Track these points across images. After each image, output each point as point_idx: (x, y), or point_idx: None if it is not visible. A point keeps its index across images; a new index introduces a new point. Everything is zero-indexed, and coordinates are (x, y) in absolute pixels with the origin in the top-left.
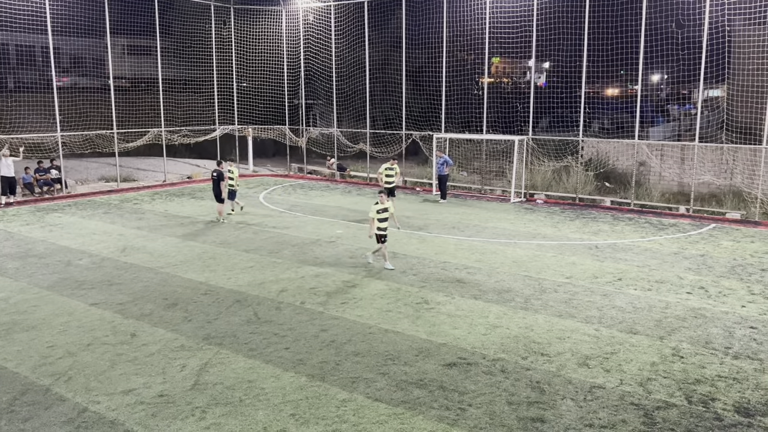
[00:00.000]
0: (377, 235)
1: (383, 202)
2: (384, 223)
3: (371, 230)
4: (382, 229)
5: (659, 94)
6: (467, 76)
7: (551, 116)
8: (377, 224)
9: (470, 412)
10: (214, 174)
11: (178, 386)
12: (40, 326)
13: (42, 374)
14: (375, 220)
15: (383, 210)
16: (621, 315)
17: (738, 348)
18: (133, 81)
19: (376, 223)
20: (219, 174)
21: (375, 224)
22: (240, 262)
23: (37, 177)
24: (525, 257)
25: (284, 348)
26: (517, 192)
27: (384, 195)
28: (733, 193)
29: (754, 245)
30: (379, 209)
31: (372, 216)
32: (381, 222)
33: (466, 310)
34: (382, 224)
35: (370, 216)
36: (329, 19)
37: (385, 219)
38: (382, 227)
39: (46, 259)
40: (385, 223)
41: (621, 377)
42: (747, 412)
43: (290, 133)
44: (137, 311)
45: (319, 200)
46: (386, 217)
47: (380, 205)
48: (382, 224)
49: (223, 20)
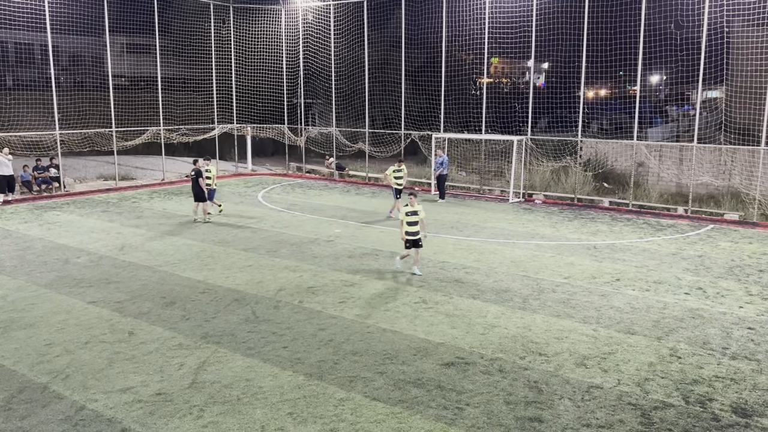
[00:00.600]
0: (406, 240)
1: (413, 204)
2: (413, 227)
3: (401, 234)
4: (412, 234)
5: (658, 95)
6: (466, 76)
7: (550, 117)
8: (406, 227)
9: (468, 411)
10: (192, 173)
11: (176, 385)
12: (38, 324)
13: (39, 372)
14: (404, 224)
15: (412, 213)
16: (619, 315)
17: (735, 348)
18: (132, 79)
19: (405, 227)
20: (197, 173)
21: (404, 227)
22: (238, 260)
23: (36, 175)
24: (523, 257)
25: (282, 347)
26: (516, 192)
27: (414, 198)
28: (731, 194)
29: (752, 246)
30: (408, 212)
31: (401, 219)
32: (410, 226)
33: (464, 309)
34: (411, 228)
35: (399, 218)
36: (328, 19)
37: (414, 223)
38: (411, 231)
39: (44, 257)
40: (414, 227)
41: (619, 377)
42: (744, 412)
43: (289, 133)
44: (135, 309)
45: (317, 199)
46: (416, 221)
47: (410, 208)
48: (411, 228)
49: (223, 19)
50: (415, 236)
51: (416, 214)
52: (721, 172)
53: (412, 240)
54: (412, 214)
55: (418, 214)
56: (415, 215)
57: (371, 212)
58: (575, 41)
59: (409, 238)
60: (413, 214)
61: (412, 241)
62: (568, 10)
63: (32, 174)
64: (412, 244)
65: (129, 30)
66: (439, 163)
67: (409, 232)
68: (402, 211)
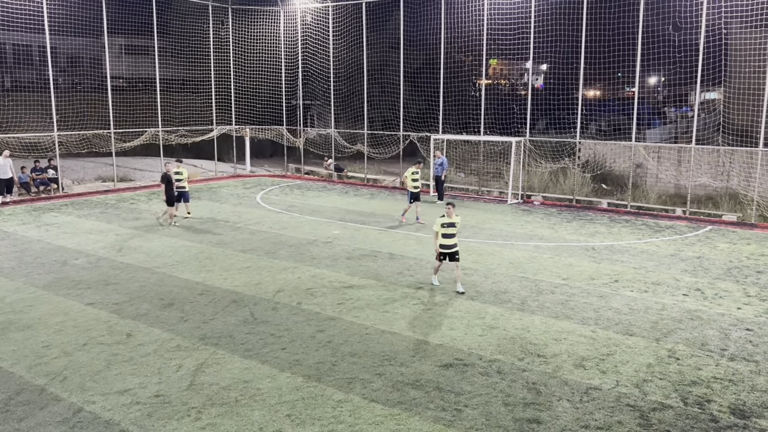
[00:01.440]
0: (440, 252)
1: (450, 215)
2: (450, 240)
3: (435, 246)
4: (447, 246)
5: (656, 97)
6: (465, 77)
7: (548, 118)
8: (441, 240)
9: (466, 413)
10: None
11: (174, 386)
12: (36, 326)
13: (37, 374)
14: (439, 235)
15: (449, 224)
16: (617, 316)
17: (734, 350)
18: (130, 81)
19: (440, 239)
20: (164, 176)
21: (439, 239)
22: (237, 262)
23: (34, 176)
24: (522, 258)
25: (280, 348)
26: (515, 193)
27: (452, 207)
28: (729, 195)
29: (750, 247)
30: (444, 223)
31: (436, 230)
32: (446, 238)
33: (463, 311)
34: (448, 241)
35: (434, 230)
36: (327, 20)
37: (451, 235)
38: (447, 244)
39: (42, 258)
40: (451, 239)
41: (617, 378)
42: (742, 413)
43: (288, 134)
44: (133, 311)
45: (316, 201)
46: (453, 233)
47: (446, 219)
48: (448, 241)
49: (221, 20)
50: (451, 249)
51: (453, 225)
52: (719, 174)
53: (449, 253)
54: (450, 225)
55: (456, 226)
56: (453, 227)
57: (370, 213)
58: (574, 43)
59: (444, 251)
60: (450, 226)
61: (448, 254)
62: (566, 11)
63: (30, 175)
64: (448, 257)
65: (127, 31)
66: (438, 164)
67: (444, 244)
68: (438, 221)
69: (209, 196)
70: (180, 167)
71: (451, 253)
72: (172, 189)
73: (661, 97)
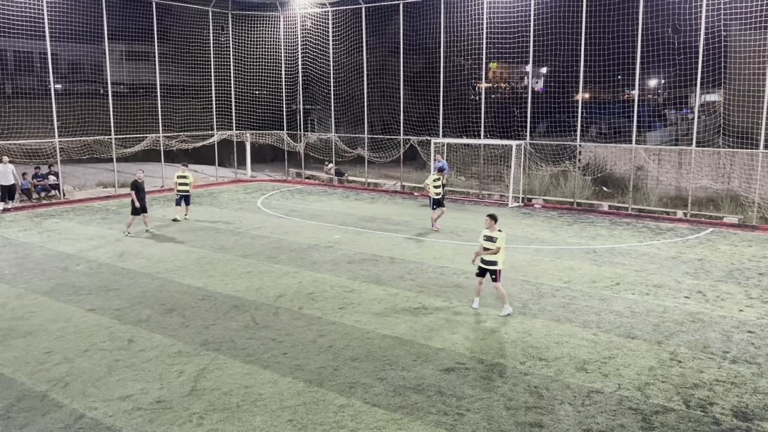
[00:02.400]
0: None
1: (491, 228)
2: (489, 255)
3: (475, 256)
4: (485, 262)
5: (656, 99)
6: (465, 81)
7: (549, 121)
8: (482, 252)
9: (468, 417)
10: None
11: (176, 392)
12: (37, 332)
13: (39, 380)
14: (481, 248)
15: (488, 238)
16: (619, 319)
17: (736, 352)
18: (131, 87)
19: (481, 251)
20: (134, 183)
21: (480, 252)
22: (238, 267)
23: (35, 183)
24: (523, 262)
25: (282, 353)
26: (515, 197)
27: (492, 220)
28: (730, 197)
29: (752, 249)
30: (485, 235)
31: (481, 242)
32: (485, 252)
33: (464, 314)
34: (487, 256)
35: (480, 242)
36: (327, 25)
37: (487, 249)
38: (485, 259)
39: (44, 264)
40: (491, 255)
41: (619, 382)
42: (745, 416)
43: (288, 139)
44: (134, 317)
45: (316, 205)
46: (489, 248)
47: (487, 231)
48: (487, 256)
49: (221, 26)
50: (488, 265)
51: (492, 240)
52: (720, 176)
53: (483, 268)
54: (488, 239)
55: (494, 241)
56: (490, 242)
57: (370, 218)
58: (573, 46)
59: (480, 265)
60: (488, 240)
61: (481, 268)
62: (566, 14)
63: (32, 182)
64: (481, 272)
65: (128, 37)
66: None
67: (484, 259)
68: (482, 233)
69: (210, 201)
70: (185, 171)
71: (485, 270)
72: (143, 197)
73: (661, 99)
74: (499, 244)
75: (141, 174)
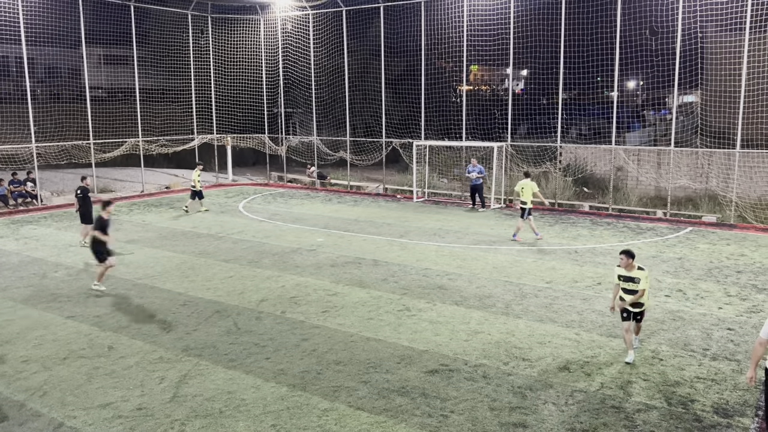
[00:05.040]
0: (621, 309)
1: (629, 269)
2: (629, 296)
3: (612, 300)
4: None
5: (635, 100)
6: (446, 83)
7: (529, 123)
8: (621, 294)
9: (453, 418)
10: (79, 192)
11: (157, 399)
12: (15, 340)
13: (16, 389)
14: (619, 289)
15: (626, 279)
16: (601, 319)
17: (716, 349)
18: (109, 91)
19: (620, 292)
20: (84, 191)
21: (618, 293)
22: (219, 272)
23: (12, 189)
24: (505, 263)
25: (265, 358)
26: (497, 198)
27: (628, 258)
28: (708, 196)
29: (730, 248)
30: (621, 275)
31: (616, 282)
32: (625, 293)
33: (448, 316)
34: (628, 297)
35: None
36: (307, 28)
37: (632, 292)
38: (625, 298)
39: (21, 271)
40: (631, 296)
41: (602, 381)
42: (726, 412)
43: (270, 142)
44: (114, 323)
45: (299, 209)
46: (633, 290)
47: (623, 271)
48: (628, 297)
49: (201, 29)
50: (635, 307)
51: (633, 281)
52: (698, 175)
53: (629, 311)
54: (627, 280)
55: (637, 282)
56: (632, 282)
57: (353, 221)
58: (553, 48)
59: (626, 307)
60: (629, 281)
61: (627, 311)
62: (545, 17)
63: (8, 188)
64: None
65: (106, 41)
66: (474, 171)
67: (623, 298)
68: (615, 271)
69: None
70: (199, 171)
71: (629, 313)
72: (89, 205)
73: (640, 100)
74: (643, 285)
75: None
